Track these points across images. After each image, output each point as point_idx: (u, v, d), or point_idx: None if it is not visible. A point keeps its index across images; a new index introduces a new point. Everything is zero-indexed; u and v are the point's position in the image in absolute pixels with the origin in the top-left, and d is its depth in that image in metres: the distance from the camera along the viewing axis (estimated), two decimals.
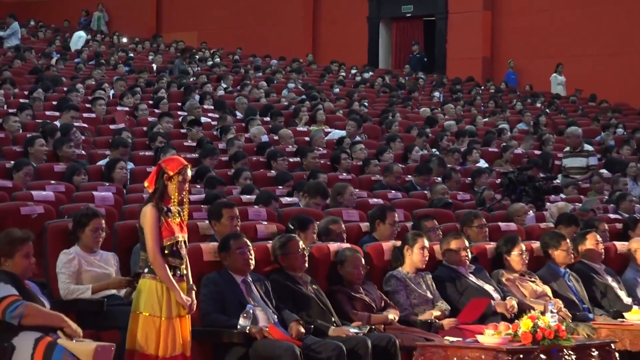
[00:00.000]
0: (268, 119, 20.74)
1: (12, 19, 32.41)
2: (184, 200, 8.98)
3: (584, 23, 35.50)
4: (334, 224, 11.57)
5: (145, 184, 9.05)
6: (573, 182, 18.71)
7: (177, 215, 8.95)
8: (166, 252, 8.75)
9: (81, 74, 24.95)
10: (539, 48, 36.38)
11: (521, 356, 9.16)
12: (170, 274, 8.71)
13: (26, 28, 35.39)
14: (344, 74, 33.08)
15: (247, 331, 9.30)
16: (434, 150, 20.30)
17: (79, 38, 34.21)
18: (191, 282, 9.00)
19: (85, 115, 19.00)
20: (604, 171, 20.55)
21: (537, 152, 21.65)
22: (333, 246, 10.79)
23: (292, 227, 11.12)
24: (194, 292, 8.98)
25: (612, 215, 15.79)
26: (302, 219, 11.43)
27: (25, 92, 20.62)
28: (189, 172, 8.98)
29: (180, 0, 43.58)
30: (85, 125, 17.91)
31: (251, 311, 9.41)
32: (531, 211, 15.06)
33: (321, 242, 11.08)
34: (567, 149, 21.16)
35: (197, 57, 31.72)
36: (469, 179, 17.74)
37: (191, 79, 26.38)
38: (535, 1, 36.57)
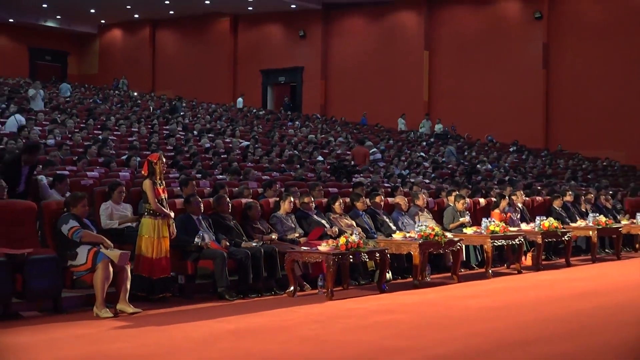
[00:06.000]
0: (211, 135, 20.49)
1: (66, 83, 31.36)
2: (163, 177, 8.97)
3: (380, 83, 36.09)
4: (245, 190, 11.47)
5: (143, 171, 8.99)
6: (367, 167, 18.84)
7: (162, 184, 8.89)
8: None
9: (113, 111, 24.39)
10: (351, 98, 36.77)
11: (340, 256, 9.23)
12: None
13: (83, 88, 34.44)
14: (249, 112, 32.82)
15: (199, 245, 9.24)
16: (295, 151, 20.24)
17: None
18: (172, 219, 8.92)
19: (115, 133, 18.65)
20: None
21: (348, 152, 21.69)
22: (244, 201, 10.68)
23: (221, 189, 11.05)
24: (173, 224, 8.89)
25: (386, 184, 15.90)
26: (222, 184, 11.51)
27: (84, 121, 20.13)
28: (163, 158, 8.97)
29: (163, 72, 43.11)
30: (115, 138, 17.58)
31: (201, 234, 9.34)
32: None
33: (238, 198, 10.99)
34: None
35: (174, 102, 31.19)
36: (313, 165, 17.73)
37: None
38: (348, 73, 36.92)
